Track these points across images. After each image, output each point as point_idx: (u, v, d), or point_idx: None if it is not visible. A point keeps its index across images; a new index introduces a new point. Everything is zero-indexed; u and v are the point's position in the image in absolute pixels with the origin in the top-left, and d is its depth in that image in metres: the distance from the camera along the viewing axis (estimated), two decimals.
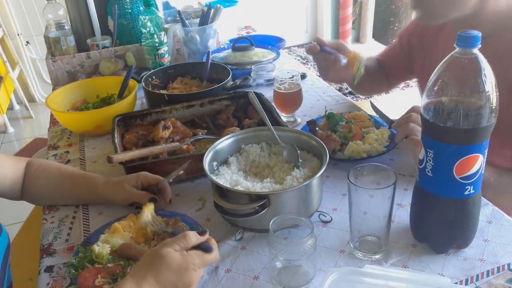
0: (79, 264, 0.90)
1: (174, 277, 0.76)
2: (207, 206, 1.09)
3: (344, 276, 0.76)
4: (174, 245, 0.78)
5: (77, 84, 1.63)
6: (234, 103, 1.42)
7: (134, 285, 0.74)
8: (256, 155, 1.10)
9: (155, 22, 1.72)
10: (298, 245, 0.81)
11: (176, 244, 0.78)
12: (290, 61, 2.05)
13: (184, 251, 0.78)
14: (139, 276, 0.75)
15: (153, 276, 0.75)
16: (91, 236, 0.99)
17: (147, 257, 0.79)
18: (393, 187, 0.83)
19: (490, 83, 0.74)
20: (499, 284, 0.82)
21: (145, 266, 0.77)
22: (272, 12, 4.91)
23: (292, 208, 0.94)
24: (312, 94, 1.64)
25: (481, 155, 0.79)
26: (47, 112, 1.83)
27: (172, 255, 0.76)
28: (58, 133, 1.53)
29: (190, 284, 0.77)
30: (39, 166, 1.14)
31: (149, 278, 0.75)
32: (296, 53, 5.12)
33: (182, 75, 1.68)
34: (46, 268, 0.95)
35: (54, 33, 1.88)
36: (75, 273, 0.89)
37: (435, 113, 0.78)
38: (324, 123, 1.32)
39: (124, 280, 0.76)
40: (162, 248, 0.78)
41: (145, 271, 0.76)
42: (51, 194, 1.12)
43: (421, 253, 0.90)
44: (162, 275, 0.75)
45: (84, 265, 0.89)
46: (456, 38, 0.75)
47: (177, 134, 1.29)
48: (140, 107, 1.62)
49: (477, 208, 0.86)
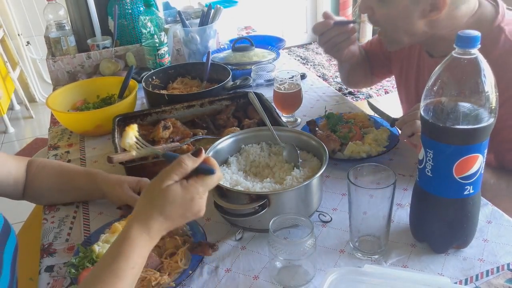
0: (79, 264, 0.90)
1: (180, 210, 0.73)
2: (207, 206, 1.09)
3: (344, 276, 0.77)
4: (171, 176, 0.74)
5: (77, 84, 1.63)
6: (234, 103, 1.42)
7: (141, 226, 0.72)
8: (256, 155, 1.10)
9: (155, 22, 1.72)
10: (298, 245, 0.82)
11: (174, 174, 0.74)
12: (290, 61, 2.05)
13: (184, 181, 0.74)
14: (144, 217, 0.72)
15: (159, 213, 0.72)
16: (92, 236, 0.99)
17: (146, 195, 0.75)
18: (392, 187, 0.84)
19: (489, 83, 0.75)
20: (498, 284, 0.83)
21: (147, 204, 0.73)
22: (272, 12, 4.91)
23: (292, 208, 0.94)
24: (312, 94, 1.64)
25: (481, 155, 0.79)
26: (47, 112, 1.83)
27: (173, 189, 0.73)
28: (59, 133, 1.53)
29: (199, 211, 0.76)
30: (40, 164, 1.14)
31: (155, 216, 0.72)
32: (296, 53, 5.13)
33: (182, 75, 1.69)
34: (46, 268, 0.95)
35: (54, 33, 1.88)
36: (75, 272, 0.89)
37: (434, 113, 0.79)
38: (324, 123, 1.32)
39: (128, 226, 0.72)
40: (161, 182, 0.74)
41: (149, 210, 0.73)
42: (52, 189, 1.12)
43: (420, 253, 0.90)
44: (168, 210, 0.73)
45: (84, 265, 0.89)
46: (455, 38, 0.75)
47: (177, 134, 1.29)
48: (140, 107, 1.62)
49: (477, 208, 0.86)
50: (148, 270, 0.87)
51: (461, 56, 0.75)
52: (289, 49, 5.14)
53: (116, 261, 0.70)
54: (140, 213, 0.74)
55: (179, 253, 0.90)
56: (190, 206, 0.74)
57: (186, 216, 0.75)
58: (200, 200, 0.75)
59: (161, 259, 0.90)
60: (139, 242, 0.72)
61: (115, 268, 0.69)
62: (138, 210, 0.75)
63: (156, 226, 0.73)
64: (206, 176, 0.76)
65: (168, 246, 0.92)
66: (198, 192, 0.75)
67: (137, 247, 0.71)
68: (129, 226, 0.72)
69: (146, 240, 0.73)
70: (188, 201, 0.74)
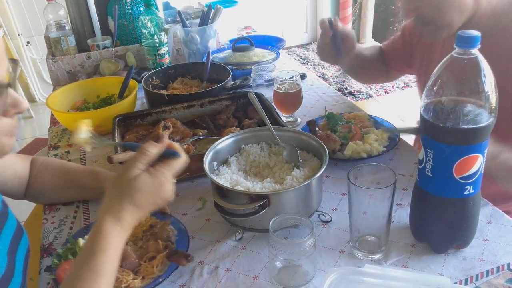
0: (63, 255, 0.90)
1: (151, 197, 0.74)
2: (207, 206, 1.09)
3: (344, 276, 0.77)
4: (136, 164, 0.74)
5: (77, 84, 1.63)
6: (234, 103, 1.42)
7: (113, 219, 0.72)
8: (256, 155, 1.10)
9: (155, 22, 1.72)
10: (298, 245, 0.82)
11: (139, 162, 0.74)
12: (290, 61, 2.05)
13: (151, 168, 0.75)
14: (115, 208, 0.72)
15: (130, 203, 0.73)
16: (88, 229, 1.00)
17: (114, 187, 0.75)
18: (392, 187, 0.84)
19: (489, 83, 0.75)
20: (498, 284, 0.83)
21: (117, 196, 0.74)
22: (272, 13, 4.91)
23: (292, 208, 0.94)
24: (312, 94, 1.64)
25: (481, 155, 0.79)
26: (47, 112, 1.83)
27: (141, 178, 0.73)
28: (59, 133, 1.53)
29: (168, 196, 0.76)
30: (43, 162, 1.15)
31: (126, 206, 0.72)
32: (296, 53, 5.12)
33: (182, 75, 1.69)
34: (46, 267, 0.95)
35: (54, 34, 1.88)
36: (57, 263, 0.89)
37: (434, 113, 0.79)
38: (324, 123, 1.33)
39: (100, 220, 0.72)
40: (127, 172, 0.74)
41: (118, 201, 0.73)
42: (54, 188, 1.12)
43: (420, 253, 0.90)
44: (138, 199, 0.73)
45: (67, 257, 0.90)
46: (455, 38, 0.75)
47: (177, 134, 1.29)
48: (140, 107, 1.62)
49: (477, 208, 0.86)
50: (124, 270, 0.86)
51: (461, 56, 0.75)
52: (289, 49, 5.14)
53: (93, 257, 0.70)
54: (111, 206, 0.74)
55: (158, 259, 0.89)
56: (160, 192, 0.75)
57: (156, 203, 0.76)
58: (169, 184, 0.76)
59: (140, 262, 0.90)
60: (114, 235, 0.72)
61: (93, 264, 0.70)
62: (108, 203, 0.74)
63: (128, 216, 0.73)
64: (172, 160, 0.77)
65: (150, 249, 0.91)
66: (166, 176, 0.75)
67: (112, 240, 0.72)
68: (101, 220, 0.72)
69: (119, 232, 0.73)
70: (157, 187, 0.74)
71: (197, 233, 1.01)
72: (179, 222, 1.00)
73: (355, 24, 5.27)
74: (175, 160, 0.78)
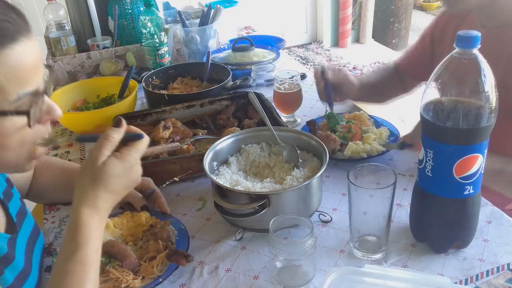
0: None
1: (123, 181, 0.74)
2: (207, 206, 1.09)
3: (344, 276, 0.77)
4: (102, 151, 0.74)
5: (77, 84, 1.63)
6: (234, 103, 1.42)
7: (90, 209, 0.72)
8: (256, 155, 1.10)
9: (155, 22, 1.72)
10: (298, 245, 0.82)
11: (104, 149, 0.74)
12: (290, 61, 2.05)
13: (117, 152, 0.75)
14: (90, 199, 0.72)
15: (104, 191, 0.73)
16: None
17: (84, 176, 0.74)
18: (392, 187, 0.84)
19: (489, 83, 0.75)
20: (498, 284, 0.83)
21: (89, 186, 0.73)
22: (272, 13, 4.91)
23: (292, 208, 0.94)
24: (312, 94, 1.64)
25: (481, 155, 0.79)
26: None
27: (110, 163, 0.73)
28: (59, 133, 1.53)
29: (138, 178, 0.77)
30: (46, 162, 1.15)
31: (101, 194, 0.72)
32: (296, 53, 5.12)
33: (182, 75, 1.69)
34: (46, 267, 0.95)
35: (54, 34, 1.88)
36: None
37: (435, 113, 0.79)
38: (324, 123, 1.33)
39: (76, 213, 0.71)
40: (95, 161, 0.73)
41: (92, 191, 0.73)
42: (56, 187, 1.12)
43: (420, 253, 0.90)
44: (111, 184, 0.73)
45: None
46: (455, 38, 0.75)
47: (177, 134, 1.29)
48: (140, 107, 1.62)
49: (477, 208, 0.86)
50: (124, 270, 0.87)
51: (461, 56, 0.75)
52: (289, 49, 5.14)
53: (79, 249, 0.70)
54: (84, 196, 0.73)
55: (158, 259, 0.89)
56: (130, 175, 0.75)
57: (128, 186, 0.76)
58: (138, 166, 0.77)
59: (141, 262, 0.90)
60: (93, 224, 0.72)
61: (80, 256, 0.69)
62: (81, 194, 0.73)
63: (104, 204, 0.73)
64: (136, 142, 0.77)
65: (150, 249, 0.91)
66: (135, 158, 0.76)
67: (93, 230, 0.72)
68: (77, 213, 0.72)
69: (98, 221, 0.73)
70: (128, 170, 0.75)
71: (197, 233, 1.01)
72: (179, 222, 1.00)
73: (355, 24, 5.27)
74: (140, 141, 0.78)
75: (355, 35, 5.33)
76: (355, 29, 5.31)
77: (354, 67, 4.71)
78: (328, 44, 5.28)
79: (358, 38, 5.36)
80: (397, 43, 5.30)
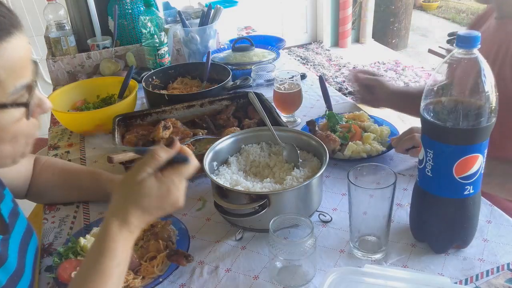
0: (64, 254, 0.90)
1: (157, 202, 0.73)
2: (207, 206, 1.09)
3: (344, 276, 0.77)
4: (145, 168, 0.73)
5: (77, 84, 1.63)
6: (234, 103, 1.42)
7: (120, 222, 0.71)
8: (256, 155, 1.10)
9: (155, 22, 1.72)
10: (298, 245, 0.82)
11: (147, 166, 0.73)
12: (290, 61, 2.05)
13: (159, 173, 0.74)
14: (121, 211, 0.72)
15: (136, 207, 0.72)
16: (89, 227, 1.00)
17: (121, 190, 0.74)
18: (392, 187, 0.84)
19: (489, 83, 0.75)
20: (498, 284, 0.83)
21: (123, 199, 0.73)
22: (272, 13, 4.92)
23: (292, 208, 0.94)
24: (312, 94, 1.64)
25: (481, 155, 0.79)
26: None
27: (148, 182, 0.72)
28: (59, 133, 1.53)
29: (176, 202, 0.75)
30: (46, 162, 1.15)
31: (132, 210, 0.72)
32: (296, 53, 5.13)
33: (182, 75, 1.69)
34: (46, 267, 0.95)
35: (54, 34, 1.88)
36: (58, 262, 0.89)
37: (435, 113, 0.79)
38: (324, 123, 1.33)
39: (107, 223, 0.71)
40: (135, 176, 0.73)
41: (125, 205, 0.72)
42: (55, 188, 1.13)
43: (420, 253, 0.90)
44: (144, 203, 0.72)
45: (68, 256, 0.90)
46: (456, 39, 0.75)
47: (177, 134, 1.29)
48: (140, 107, 1.62)
49: (477, 208, 0.86)
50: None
51: (461, 56, 0.75)
52: (289, 49, 5.14)
53: (101, 260, 0.70)
54: (117, 209, 0.73)
55: (158, 258, 0.89)
56: (167, 198, 0.74)
57: (163, 208, 0.75)
58: (177, 190, 0.75)
59: (141, 261, 0.90)
60: (121, 238, 0.71)
61: (101, 268, 0.69)
62: (114, 206, 0.74)
63: (135, 220, 0.73)
64: (181, 166, 0.76)
65: (151, 249, 0.91)
66: (174, 182, 0.74)
67: (120, 243, 0.71)
68: (108, 223, 0.72)
69: (127, 235, 0.72)
70: (164, 193, 0.73)
71: (197, 233, 1.01)
72: (180, 222, 1.00)
73: (355, 24, 5.27)
74: (185, 166, 0.76)
75: (355, 35, 5.34)
76: (355, 29, 5.31)
77: (354, 67, 4.72)
78: (328, 44, 5.29)
79: (358, 38, 5.37)
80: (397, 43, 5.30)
